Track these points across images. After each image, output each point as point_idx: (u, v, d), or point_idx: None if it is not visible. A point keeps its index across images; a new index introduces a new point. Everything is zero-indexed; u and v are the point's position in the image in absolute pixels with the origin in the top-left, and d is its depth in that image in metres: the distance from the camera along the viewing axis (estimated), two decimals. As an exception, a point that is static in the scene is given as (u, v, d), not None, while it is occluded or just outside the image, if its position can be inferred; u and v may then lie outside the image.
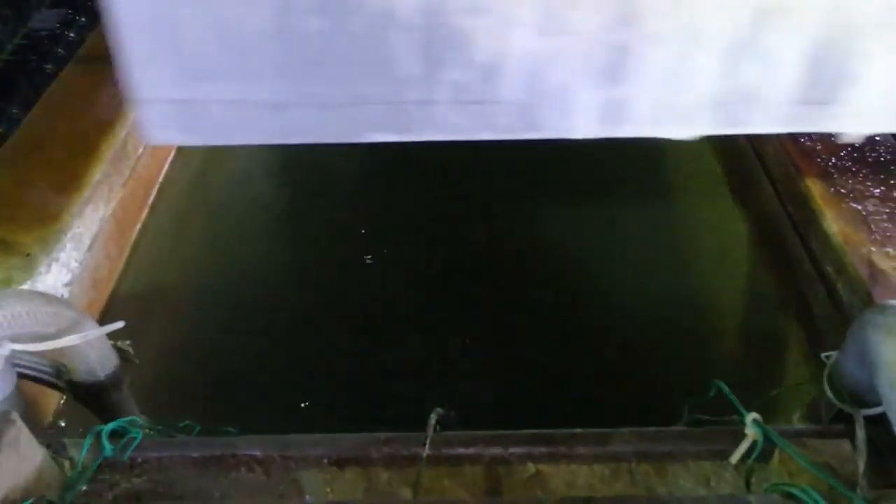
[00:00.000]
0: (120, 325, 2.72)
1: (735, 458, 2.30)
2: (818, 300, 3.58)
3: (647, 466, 2.44)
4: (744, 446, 2.30)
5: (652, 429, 2.52)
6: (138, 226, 4.41)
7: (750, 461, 2.25)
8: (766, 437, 2.24)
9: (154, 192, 4.67)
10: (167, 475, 2.42)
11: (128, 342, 2.99)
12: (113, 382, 2.91)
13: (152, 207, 4.60)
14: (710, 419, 2.57)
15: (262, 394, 3.60)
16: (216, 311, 4.08)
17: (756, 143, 4.31)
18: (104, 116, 4.19)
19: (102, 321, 3.84)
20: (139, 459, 2.45)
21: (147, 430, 2.58)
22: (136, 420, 2.55)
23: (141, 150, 4.38)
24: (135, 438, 2.45)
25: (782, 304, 3.95)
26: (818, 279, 3.58)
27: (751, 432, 2.31)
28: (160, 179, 4.77)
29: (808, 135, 4.00)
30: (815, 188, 3.68)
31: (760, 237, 4.28)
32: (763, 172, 4.21)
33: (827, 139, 3.96)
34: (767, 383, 2.88)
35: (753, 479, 2.30)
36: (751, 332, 3.89)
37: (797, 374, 3.59)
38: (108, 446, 2.39)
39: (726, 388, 2.44)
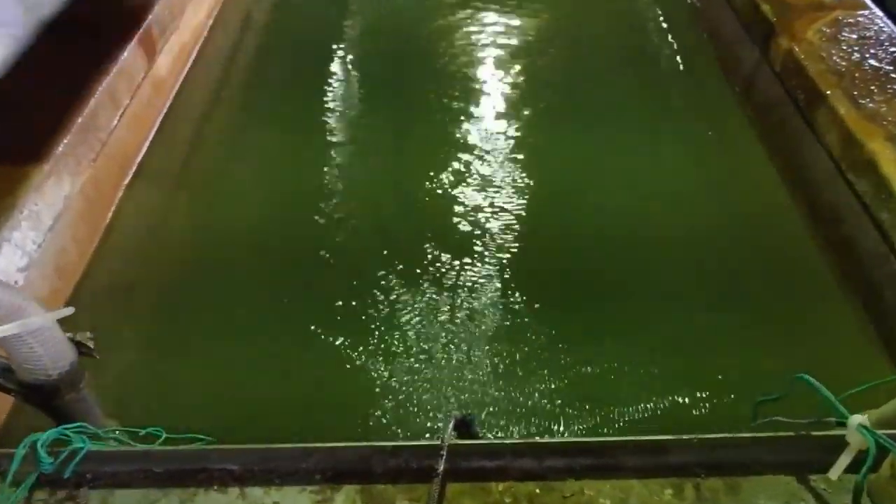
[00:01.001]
0: (69, 311, 2.25)
1: (837, 471, 1.83)
2: (891, 281, 3.10)
3: (717, 482, 1.97)
4: (846, 457, 1.82)
5: (720, 435, 2.05)
6: (113, 207, 3.94)
7: (860, 476, 1.76)
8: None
9: (132, 171, 4.20)
10: (121, 495, 1.95)
11: (88, 334, 2.52)
12: (68, 382, 2.46)
13: (130, 187, 4.13)
14: (792, 421, 2.09)
15: (249, 400, 3.16)
16: (200, 304, 3.62)
17: (805, 108, 3.82)
18: (74, 84, 3.72)
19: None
20: (88, 475, 2.00)
21: (103, 439, 2.11)
22: (84, 426, 2.08)
23: (115, 121, 3.90)
24: (80, 449, 1.98)
25: (843, 286, 3.48)
26: (890, 256, 3.09)
27: (855, 439, 1.84)
28: (140, 157, 4.30)
29: (871, 97, 3.53)
30: (883, 154, 3.21)
31: (812, 211, 3.80)
32: (815, 140, 3.72)
33: (893, 100, 3.49)
34: (833, 379, 2.39)
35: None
36: (808, 318, 3.42)
37: (867, 366, 3.12)
38: (45, 459, 1.92)
39: (816, 383, 1.96)
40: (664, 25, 5.85)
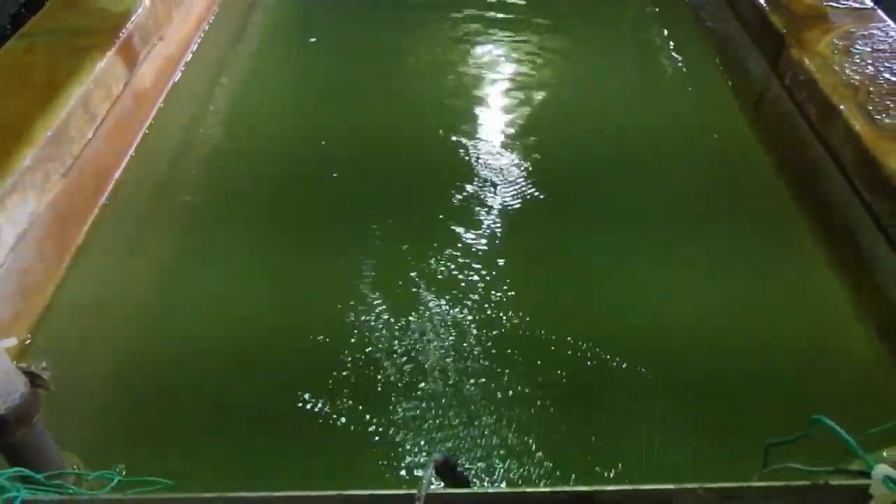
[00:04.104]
0: (11, 342, 2.05)
1: (860, 530, 1.61)
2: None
3: (728, 536, 1.75)
4: (871, 513, 1.61)
5: (728, 484, 1.84)
6: (87, 225, 3.74)
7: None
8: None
9: (109, 187, 4.00)
10: (58, 551, 1.74)
11: (43, 364, 2.33)
12: (18, 416, 2.27)
13: (107, 205, 3.93)
14: (808, 469, 1.88)
15: (219, 434, 2.97)
16: (176, 331, 3.39)
17: (818, 126, 3.62)
18: (44, 94, 3.54)
19: (34, 336, 3.22)
20: (22, 529, 1.77)
21: (45, 486, 1.91)
22: (21, 471, 1.87)
23: (90, 134, 3.71)
24: (15, 498, 1.77)
25: (859, 314, 3.27)
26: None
27: (880, 492, 1.63)
28: (118, 173, 4.11)
29: (887, 112, 3.33)
30: (903, 172, 3.01)
31: (826, 234, 3.60)
32: (830, 160, 3.52)
33: (911, 115, 3.29)
34: (851, 416, 2.19)
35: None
36: (820, 350, 3.21)
37: (886, 403, 2.92)
38: (-33, 512, 1.71)
39: (836, 427, 1.74)
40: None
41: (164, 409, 3.07)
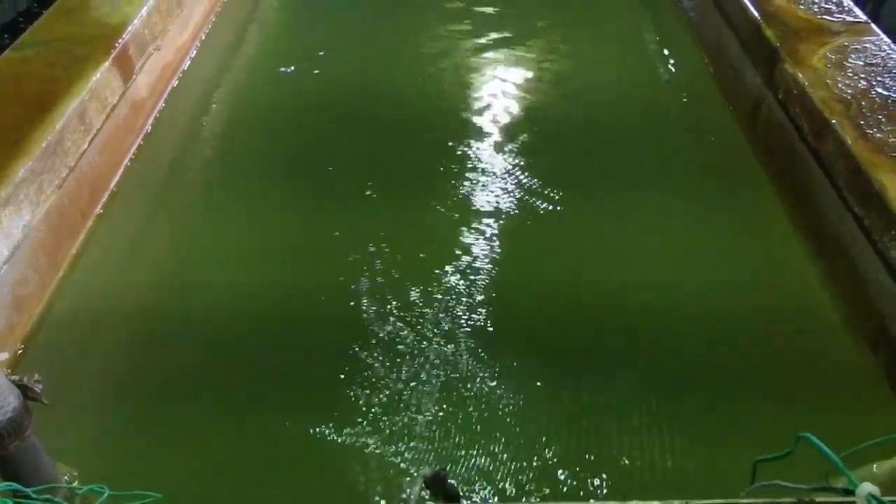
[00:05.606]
0: (3, 356, 2.06)
1: (844, 548, 1.62)
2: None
3: (717, 552, 1.76)
4: (855, 531, 1.62)
5: (716, 501, 1.85)
6: (81, 236, 3.75)
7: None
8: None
9: (104, 198, 4.01)
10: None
11: (36, 376, 2.33)
12: (12, 429, 2.25)
13: (102, 216, 3.94)
14: (793, 486, 1.88)
15: (213, 442, 2.97)
16: (171, 342, 3.39)
17: (811, 138, 3.64)
18: (39, 105, 3.55)
19: (27, 347, 3.22)
20: (10, 544, 1.77)
21: (35, 500, 1.91)
22: (12, 486, 1.88)
23: (85, 145, 3.72)
24: (1, 515, 1.78)
25: (850, 327, 3.28)
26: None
27: (864, 510, 1.63)
28: (113, 184, 4.12)
29: (879, 126, 3.35)
30: (894, 186, 3.02)
31: (817, 246, 3.62)
32: (821, 172, 3.53)
33: (901, 130, 3.31)
34: (837, 430, 2.19)
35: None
36: (810, 362, 3.22)
37: (877, 418, 2.92)
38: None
39: (821, 444, 1.75)
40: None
41: (158, 419, 3.08)
